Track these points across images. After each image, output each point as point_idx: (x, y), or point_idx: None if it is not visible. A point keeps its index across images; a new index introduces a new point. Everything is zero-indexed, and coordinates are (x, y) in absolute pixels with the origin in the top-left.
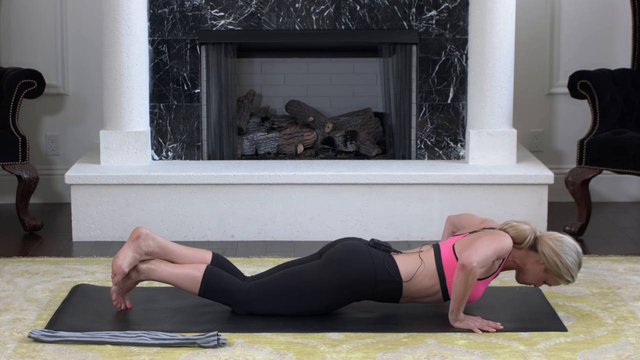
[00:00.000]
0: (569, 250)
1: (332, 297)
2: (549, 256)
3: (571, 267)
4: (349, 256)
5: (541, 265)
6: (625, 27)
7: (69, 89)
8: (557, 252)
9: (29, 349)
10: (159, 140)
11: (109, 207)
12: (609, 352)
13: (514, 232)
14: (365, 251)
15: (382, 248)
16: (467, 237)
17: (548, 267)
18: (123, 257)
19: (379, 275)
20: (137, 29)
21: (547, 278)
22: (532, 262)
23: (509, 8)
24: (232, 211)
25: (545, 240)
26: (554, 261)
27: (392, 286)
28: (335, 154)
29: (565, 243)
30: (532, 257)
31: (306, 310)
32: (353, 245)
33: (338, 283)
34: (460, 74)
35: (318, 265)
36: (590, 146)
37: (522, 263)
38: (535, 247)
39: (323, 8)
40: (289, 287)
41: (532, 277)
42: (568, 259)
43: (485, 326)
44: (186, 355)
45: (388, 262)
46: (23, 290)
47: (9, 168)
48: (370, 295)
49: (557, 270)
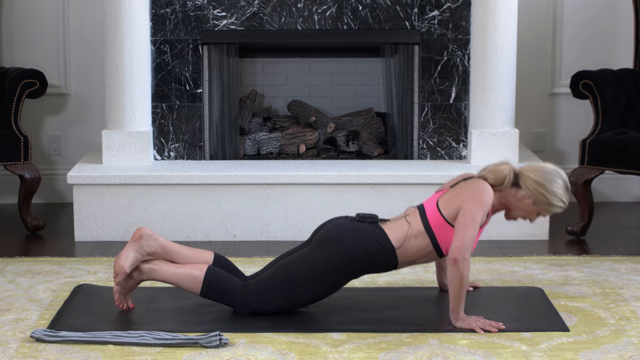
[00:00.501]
0: (552, 177)
1: (329, 280)
2: (534, 188)
3: (559, 193)
4: (336, 236)
5: (529, 199)
6: (628, 27)
7: (71, 89)
8: (540, 182)
9: (31, 348)
10: (161, 140)
11: (111, 207)
12: (611, 352)
13: (493, 176)
14: (352, 227)
15: (368, 220)
16: (449, 192)
17: (536, 199)
18: (125, 257)
19: (370, 248)
20: (140, 29)
21: (538, 210)
22: (520, 198)
23: (511, 8)
24: (234, 211)
25: (526, 174)
26: (540, 192)
27: (386, 255)
28: (338, 154)
29: (546, 171)
30: (517, 193)
31: (308, 298)
32: (339, 224)
33: (332, 265)
34: (462, 74)
35: (309, 251)
36: (593, 146)
37: (510, 202)
38: (518, 184)
39: (325, 8)
40: (286, 279)
41: (523, 212)
42: (554, 186)
43: (487, 326)
44: (188, 355)
45: (376, 232)
46: (25, 290)
47: (11, 168)
48: (367, 269)
49: (546, 200)
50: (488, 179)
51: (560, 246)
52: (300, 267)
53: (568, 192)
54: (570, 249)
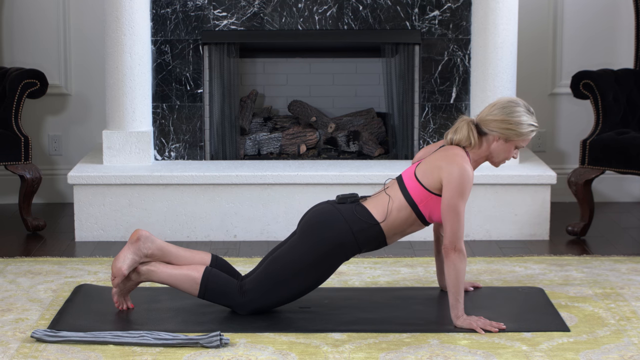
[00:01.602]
0: (510, 109)
1: (321, 267)
2: (498, 128)
3: (524, 119)
4: (319, 221)
5: (500, 140)
6: (628, 27)
7: (71, 89)
8: (501, 119)
9: (32, 348)
10: (162, 140)
11: (112, 207)
12: (611, 352)
13: (458, 137)
14: (333, 210)
15: (349, 200)
16: (425, 161)
17: (506, 136)
18: (123, 259)
19: (354, 227)
20: (140, 29)
21: (514, 144)
22: (491, 143)
23: (511, 8)
24: (235, 211)
25: (484, 118)
26: (506, 128)
27: (371, 232)
28: (338, 154)
29: (501, 106)
30: (487, 140)
31: (304, 287)
32: (320, 210)
33: (321, 250)
34: (462, 74)
35: (296, 241)
36: (593, 146)
37: (486, 152)
38: (483, 132)
39: (326, 8)
40: (279, 273)
41: (502, 154)
42: (516, 116)
43: (488, 326)
44: (189, 355)
45: (358, 211)
46: (26, 290)
47: (11, 168)
48: (357, 249)
49: (515, 132)
50: (460, 142)
51: (560, 246)
52: (290, 257)
53: (532, 115)
54: (571, 249)
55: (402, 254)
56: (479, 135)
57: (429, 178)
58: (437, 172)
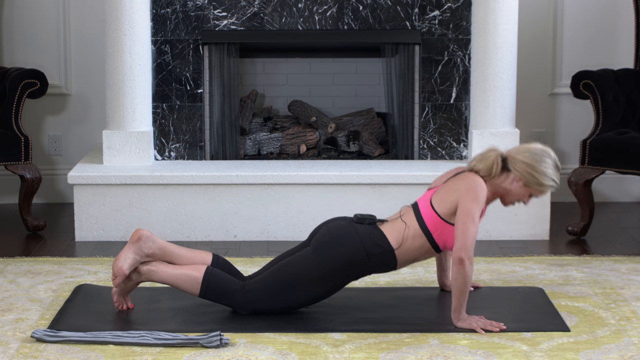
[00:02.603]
0: (539, 157)
1: (329, 282)
2: (523, 170)
3: (549, 172)
4: (335, 238)
5: (520, 182)
6: (628, 27)
7: (71, 89)
8: (529, 163)
9: (32, 348)
10: (162, 140)
11: (112, 207)
12: (611, 352)
13: (482, 166)
14: (351, 229)
15: (366, 222)
16: (442, 189)
17: (526, 181)
18: (124, 259)
19: (370, 250)
20: (140, 29)
21: (531, 191)
22: (510, 182)
23: (511, 8)
24: (235, 211)
25: (514, 156)
26: (530, 173)
27: (386, 257)
28: (338, 154)
29: (533, 151)
30: (508, 178)
31: (307, 299)
32: (338, 226)
33: (331, 267)
34: (462, 74)
35: (308, 252)
36: (593, 146)
37: (503, 188)
38: (507, 168)
39: (326, 8)
40: (285, 280)
41: (516, 196)
42: (542, 166)
43: (488, 326)
44: (189, 355)
45: (375, 234)
46: (26, 290)
47: (11, 168)
48: (367, 271)
49: (536, 180)
50: (479, 170)
51: (560, 246)
52: (300, 267)
53: (558, 171)
54: (571, 249)
55: None
56: (502, 170)
57: (445, 205)
58: (453, 195)
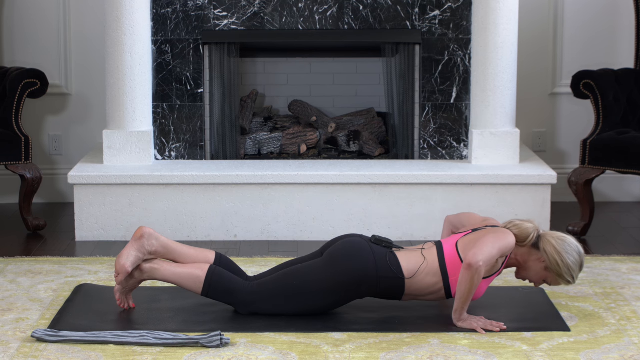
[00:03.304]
0: (570, 250)
1: (334, 295)
2: (551, 254)
3: (572, 267)
4: (350, 254)
5: (542, 264)
6: (629, 26)
7: (72, 89)
8: (558, 250)
9: (32, 348)
10: (162, 140)
11: (112, 206)
12: (612, 352)
13: (517, 231)
14: (367, 248)
15: (383, 244)
16: (470, 236)
17: (549, 265)
18: (126, 256)
19: (381, 272)
20: (141, 29)
21: (548, 277)
22: (534, 259)
23: (512, 8)
24: (235, 211)
25: (547, 238)
26: (555, 260)
27: (394, 283)
28: (338, 154)
29: (567, 243)
30: (534, 255)
31: (309, 309)
32: (354, 242)
33: (340, 281)
34: (463, 74)
35: (320, 263)
36: (593, 146)
37: (524, 260)
38: (537, 245)
39: (326, 8)
40: (292, 286)
41: (532, 274)
42: (569, 259)
43: (488, 326)
44: (189, 355)
45: (390, 258)
46: (26, 289)
47: (12, 168)
48: (373, 293)
49: (557, 269)
50: (513, 231)
51: None
52: (309, 277)
53: (581, 270)
54: None
55: None
56: (532, 245)
57: (469, 251)
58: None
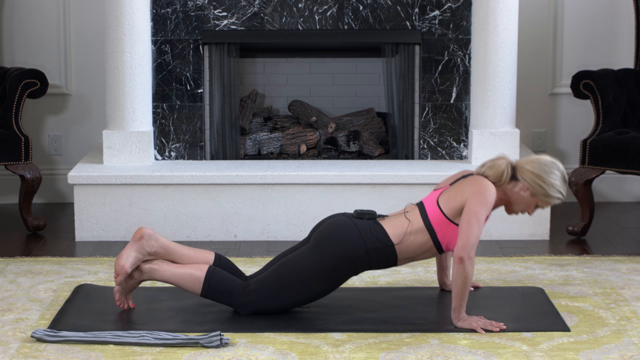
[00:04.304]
0: (548, 168)
1: (329, 278)
2: (532, 180)
3: (556, 184)
4: (335, 234)
5: (527, 192)
6: (629, 26)
7: (72, 89)
8: (537, 173)
9: (32, 348)
10: (162, 140)
11: (112, 207)
12: (611, 352)
13: (492, 172)
14: (351, 225)
15: (367, 217)
16: (449, 190)
17: (534, 191)
18: (126, 257)
19: (369, 245)
20: (140, 29)
21: (537, 202)
22: (517, 191)
23: (512, 8)
24: (235, 211)
25: (523, 166)
26: (538, 183)
27: (385, 251)
28: (338, 154)
29: (542, 162)
30: (515, 187)
31: (308, 296)
32: (338, 221)
33: (331, 263)
34: (463, 74)
35: (308, 249)
36: (593, 146)
37: (508, 197)
38: (515, 177)
39: (326, 8)
40: (286, 278)
41: (521, 206)
42: (551, 177)
43: (488, 326)
44: (189, 355)
45: (375, 229)
46: (26, 290)
47: (12, 168)
48: (367, 266)
49: (543, 191)
50: (488, 175)
51: (561, 246)
52: (301, 264)
53: (565, 184)
54: (571, 249)
55: None
56: (510, 179)
57: (451, 206)
58: (460, 196)
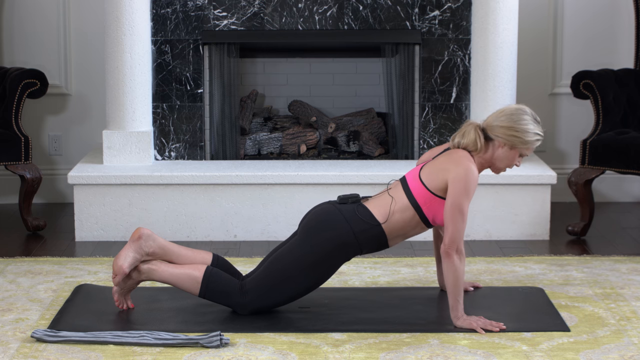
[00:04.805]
0: (517, 117)
1: (321, 267)
2: (505, 134)
3: (529, 128)
4: (320, 222)
5: (505, 147)
6: (629, 26)
7: (71, 89)
8: (508, 126)
9: (32, 348)
10: (162, 140)
11: (112, 207)
12: (611, 352)
13: (466, 140)
14: (334, 211)
15: (350, 201)
16: (431, 164)
17: (511, 143)
18: (124, 257)
19: (356, 228)
20: (140, 29)
21: (518, 152)
22: (496, 149)
23: (512, 8)
24: (235, 211)
25: (491, 124)
26: (512, 134)
27: (373, 232)
28: (338, 154)
29: (509, 113)
30: (493, 146)
31: (304, 288)
32: (322, 210)
33: (321, 251)
34: (463, 74)
35: (296, 242)
36: (593, 146)
37: (490, 157)
38: (489, 137)
39: (326, 8)
40: (279, 273)
41: (505, 161)
42: (522, 124)
43: (488, 326)
44: (189, 355)
45: (359, 211)
46: (26, 290)
47: (12, 168)
48: (358, 250)
49: (520, 139)
50: (466, 146)
51: (560, 246)
52: (291, 257)
53: (539, 124)
54: (571, 249)
55: (402, 254)
56: (485, 141)
57: (433, 180)
58: (442, 174)
